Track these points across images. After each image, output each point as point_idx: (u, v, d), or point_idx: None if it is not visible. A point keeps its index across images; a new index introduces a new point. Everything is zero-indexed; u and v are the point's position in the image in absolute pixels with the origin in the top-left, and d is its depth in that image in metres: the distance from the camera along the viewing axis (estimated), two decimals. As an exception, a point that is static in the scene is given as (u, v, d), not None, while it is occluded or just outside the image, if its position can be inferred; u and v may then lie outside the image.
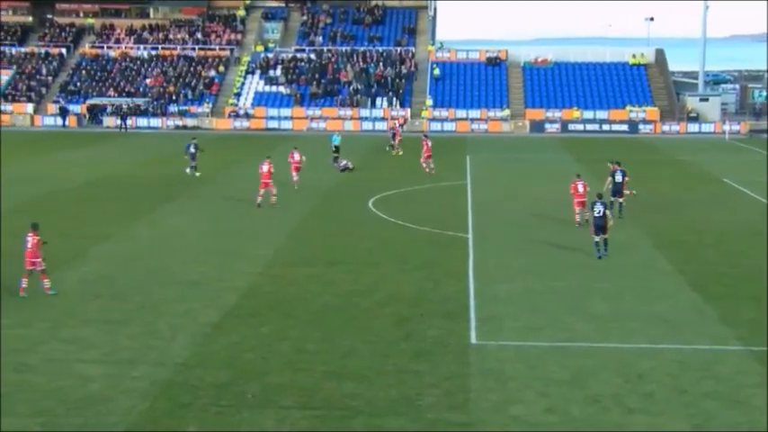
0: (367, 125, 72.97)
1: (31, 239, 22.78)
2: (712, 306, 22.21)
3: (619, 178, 33.67)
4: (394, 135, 56.36)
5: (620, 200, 33.75)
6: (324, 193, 40.23)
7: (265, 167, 35.81)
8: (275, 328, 20.27)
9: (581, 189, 31.69)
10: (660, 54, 79.46)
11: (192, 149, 45.25)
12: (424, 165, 46.12)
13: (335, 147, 49.57)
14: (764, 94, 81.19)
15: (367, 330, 20.19)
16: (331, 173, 46.41)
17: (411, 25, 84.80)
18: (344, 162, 47.37)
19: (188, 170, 45.36)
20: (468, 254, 28.13)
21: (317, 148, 57.91)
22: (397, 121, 71.63)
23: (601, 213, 27.08)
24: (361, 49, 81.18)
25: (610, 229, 27.37)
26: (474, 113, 74.09)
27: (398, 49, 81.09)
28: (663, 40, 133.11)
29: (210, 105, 76.26)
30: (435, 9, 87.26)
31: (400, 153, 53.87)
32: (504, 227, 32.54)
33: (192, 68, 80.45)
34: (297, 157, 41.34)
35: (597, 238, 27.34)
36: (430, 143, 47.09)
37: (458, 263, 26.87)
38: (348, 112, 74.39)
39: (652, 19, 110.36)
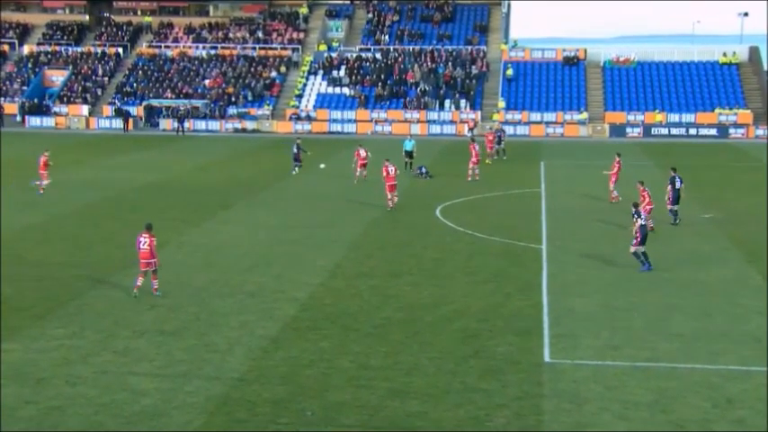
0: (435, 129, 72.99)
1: (147, 240, 24.03)
2: (810, 326, 21.61)
3: (678, 185, 34.04)
4: (499, 140, 55.88)
5: (675, 207, 34.13)
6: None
7: (392, 169, 36.82)
8: (336, 343, 20.37)
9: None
10: (754, 52, 77.82)
11: (295, 150, 48.55)
12: (470, 171, 45.78)
13: (407, 152, 49.49)
14: None
15: (432, 346, 20.16)
16: (397, 179, 46.46)
17: (483, 23, 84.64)
18: (424, 169, 47.44)
19: (294, 172, 48.11)
20: (541, 266, 27.91)
21: (382, 153, 58.12)
22: (467, 125, 71.58)
23: (644, 222, 27.14)
24: (430, 48, 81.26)
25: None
26: (549, 117, 73.52)
27: (469, 48, 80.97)
28: (758, 36, 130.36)
29: (271, 108, 77.17)
30: (509, 5, 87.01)
31: (488, 162, 52.81)
32: (580, 238, 32.21)
33: (252, 69, 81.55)
34: (363, 153, 44.94)
35: (644, 248, 27.11)
36: (477, 148, 46.65)
37: (530, 275, 26.68)
38: (415, 114, 74.50)
39: (746, 14, 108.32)
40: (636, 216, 27.14)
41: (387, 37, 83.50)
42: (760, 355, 19.68)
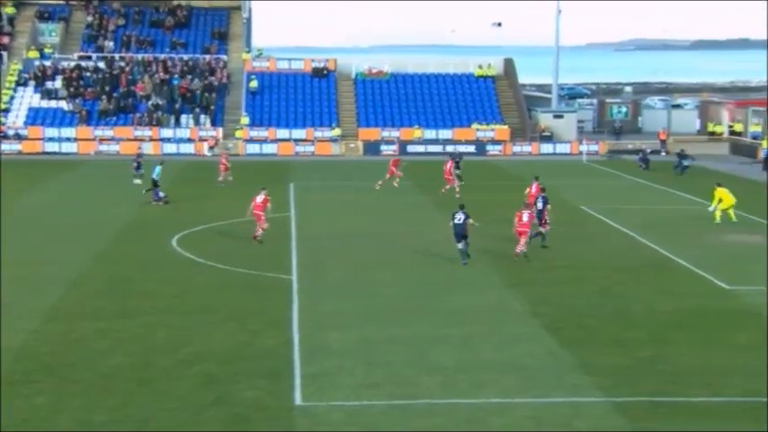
0: (170, 148, 71.84)
1: None
2: (570, 352, 23.13)
3: (539, 205, 35.94)
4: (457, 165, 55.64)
5: (542, 229, 35.68)
6: (116, 230, 39.34)
7: (259, 198, 36.55)
8: (53, 398, 19.65)
9: (525, 218, 33.34)
10: (509, 64, 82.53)
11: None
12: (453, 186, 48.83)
13: (154, 181, 47.93)
14: (624, 110, 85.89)
15: (168, 395, 19.88)
16: (124, 207, 45.44)
17: (221, 29, 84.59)
18: (160, 193, 46.44)
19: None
20: (291, 299, 28.18)
21: (108, 176, 56.73)
22: (207, 143, 71.10)
23: (461, 221, 32.15)
24: (162, 56, 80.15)
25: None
26: (298, 133, 74.43)
27: (207, 57, 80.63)
28: (513, 48, 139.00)
29: (-29, 124, 73.04)
30: (250, 10, 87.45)
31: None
32: (334, 266, 32.78)
33: (-54, 79, 76.92)
34: (224, 159, 54.04)
35: (460, 245, 32.42)
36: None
37: (280, 310, 26.87)
38: (147, 132, 73.08)
39: (500, 24, 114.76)
40: (454, 214, 32.41)
41: (111, 43, 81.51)
42: (522, 384, 20.82)
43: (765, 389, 20.47)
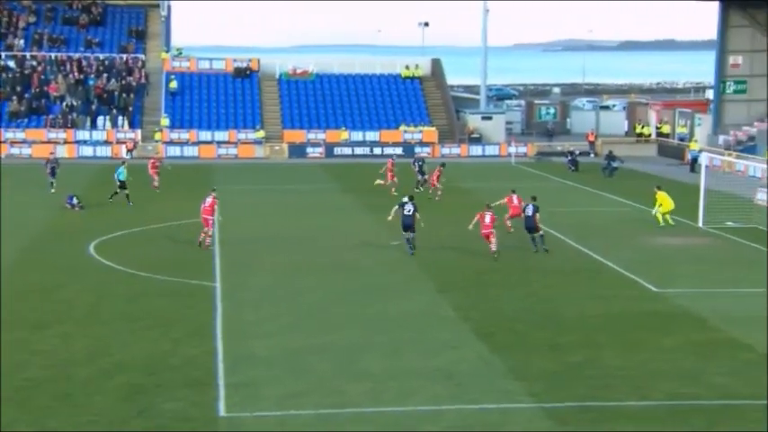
0: (86, 150, 71.01)
1: None
2: (501, 357, 23.37)
3: (529, 212, 36.36)
4: (421, 169, 55.05)
5: (539, 233, 36.16)
6: (31, 237, 38.75)
7: (208, 201, 36.70)
8: (-35, 413, 19.26)
9: (487, 220, 34.72)
10: (437, 65, 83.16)
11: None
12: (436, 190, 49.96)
13: (122, 182, 47.54)
14: (552, 112, 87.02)
15: (87, 408, 19.66)
16: (39, 212, 44.76)
17: (139, 27, 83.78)
18: (74, 199, 45.75)
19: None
20: (215, 306, 28.05)
21: (21, 181, 55.73)
22: (125, 146, 70.32)
23: (410, 212, 34.53)
24: (76, 56, 79.10)
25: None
26: (221, 135, 74.06)
27: (124, 56, 79.78)
28: (440, 48, 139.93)
29: None
30: (169, 8, 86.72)
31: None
32: (260, 272, 32.72)
33: None
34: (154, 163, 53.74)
35: (407, 236, 34.78)
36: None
37: (203, 318, 26.72)
38: (61, 134, 72.09)
39: (427, 24, 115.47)
40: (403, 205, 34.82)
41: (21, 42, 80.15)
42: (451, 391, 20.98)
43: (691, 392, 20.98)
